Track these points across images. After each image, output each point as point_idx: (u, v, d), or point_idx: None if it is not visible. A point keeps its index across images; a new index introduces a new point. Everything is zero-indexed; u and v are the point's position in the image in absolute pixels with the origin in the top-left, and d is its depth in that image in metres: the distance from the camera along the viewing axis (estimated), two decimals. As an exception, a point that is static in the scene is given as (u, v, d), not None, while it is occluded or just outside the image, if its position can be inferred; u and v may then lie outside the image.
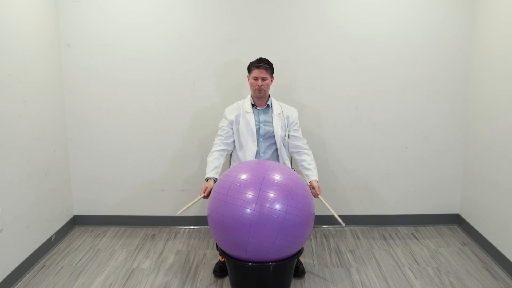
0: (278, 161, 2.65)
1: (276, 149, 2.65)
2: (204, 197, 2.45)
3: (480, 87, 2.98)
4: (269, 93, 2.71)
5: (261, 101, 2.66)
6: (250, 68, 2.62)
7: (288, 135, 2.69)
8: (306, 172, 2.63)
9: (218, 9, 3.05)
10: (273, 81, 2.72)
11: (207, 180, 2.54)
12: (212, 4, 3.04)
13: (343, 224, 2.44)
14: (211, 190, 2.37)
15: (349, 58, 3.10)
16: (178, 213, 2.44)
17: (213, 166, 2.58)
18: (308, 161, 2.65)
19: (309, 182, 2.56)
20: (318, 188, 2.52)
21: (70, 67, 3.12)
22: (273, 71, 2.66)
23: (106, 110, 3.18)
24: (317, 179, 2.61)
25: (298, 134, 2.70)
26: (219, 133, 2.69)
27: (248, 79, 2.64)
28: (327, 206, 2.45)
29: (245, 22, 3.06)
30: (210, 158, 2.63)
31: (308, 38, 3.08)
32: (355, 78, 3.13)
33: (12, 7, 2.51)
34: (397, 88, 3.14)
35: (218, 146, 2.66)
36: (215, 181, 2.49)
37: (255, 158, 2.62)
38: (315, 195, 2.48)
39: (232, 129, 2.67)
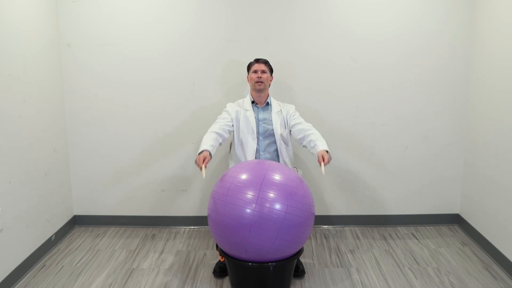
0: (278, 160, 2.64)
1: (277, 148, 2.65)
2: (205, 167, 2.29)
3: (480, 87, 2.98)
4: (269, 93, 2.72)
5: (260, 98, 2.65)
6: (249, 66, 2.69)
7: (290, 130, 2.64)
8: (313, 146, 2.45)
9: (218, 9, 3.05)
10: (273, 81, 2.73)
11: (202, 151, 2.37)
12: (212, 4, 3.04)
13: (323, 172, 2.30)
14: (208, 161, 2.30)
15: (349, 58, 3.10)
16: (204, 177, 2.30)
17: (209, 144, 2.43)
18: (313, 139, 2.47)
19: (317, 153, 2.38)
20: (323, 156, 2.33)
21: (70, 67, 3.12)
22: (272, 70, 2.71)
23: (106, 110, 3.18)
24: (327, 149, 2.40)
25: (300, 120, 2.62)
26: (218, 120, 2.60)
27: (247, 78, 2.69)
28: (322, 169, 2.32)
29: (245, 22, 3.06)
30: (206, 136, 2.49)
31: (308, 38, 3.08)
32: (355, 78, 3.13)
33: (12, 7, 2.51)
34: (397, 88, 3.14)
35: (215, 129, 2.53)
36: (210, 154, 2.38)
37: (255, 157, 2.62)
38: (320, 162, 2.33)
39: (232, 119, 2.63)
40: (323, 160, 2.33)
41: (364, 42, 3.08)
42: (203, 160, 2.30)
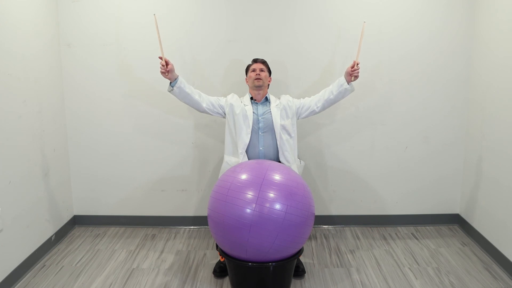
0: (278, 155, 2.63)
1: (276, 142, 2.64)
2: (162, 65, 2.44)
3: (480, 86, 2.98)
4: (267, 92, 2.73)
5: (260, 95, 2.67)
6: (248, 67, 2.73)
7: (303, 113, 2.70)
8: (336, 83, 2.63)
9: (218, 9, 3.05)
10: (272, 80, 2.74)
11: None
12: (212, 5, 3.04)
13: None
14: (172, 69, 2.45)
15: (349, 58, 3.10)
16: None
17: (186, 82, 2.60)
18: (329, 88, 2.66)
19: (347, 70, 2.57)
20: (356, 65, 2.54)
21: (70, 67, 3.12)
22: (270, 72, 2.74)
23: (106, 110, 3.18)
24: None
25: (306, 99, 2.71)
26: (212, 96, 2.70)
27: (246, 80, 2.74)
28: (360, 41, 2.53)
29: (245, 23, 3.06)
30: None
31: (307, 38, 3.08)
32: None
33: (12, 7, 2.51)
34: (397, 88, 3.14)
35: (203, 94, 2.66)
36: (178, 79, 2.53)
37: (255, 152, 2.61)
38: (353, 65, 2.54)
39: (225, 107, 2.66)
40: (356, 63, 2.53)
41: (363, 42, 3.07)
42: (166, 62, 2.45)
